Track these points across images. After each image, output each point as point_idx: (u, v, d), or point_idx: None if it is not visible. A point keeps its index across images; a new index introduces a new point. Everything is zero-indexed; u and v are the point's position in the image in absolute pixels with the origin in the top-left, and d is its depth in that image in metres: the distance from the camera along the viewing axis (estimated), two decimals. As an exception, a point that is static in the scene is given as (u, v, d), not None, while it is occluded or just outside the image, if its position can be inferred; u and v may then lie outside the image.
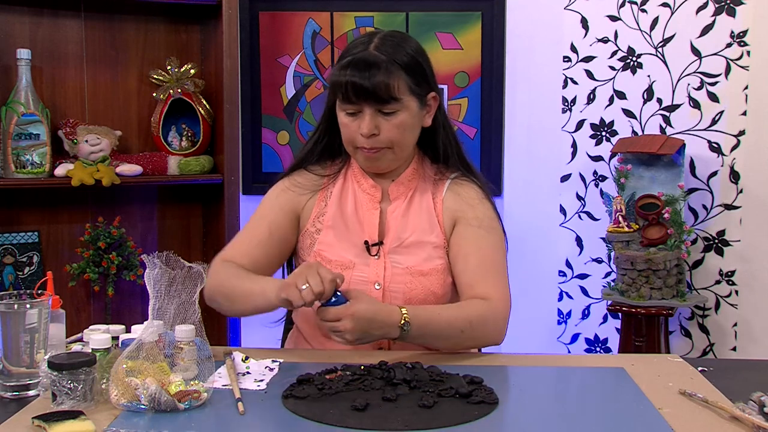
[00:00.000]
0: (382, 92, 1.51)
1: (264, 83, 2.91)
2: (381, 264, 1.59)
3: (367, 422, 1.13)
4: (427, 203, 1.64)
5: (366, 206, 1.64)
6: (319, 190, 1.68)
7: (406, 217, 1.63)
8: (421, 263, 1.59)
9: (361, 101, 1.52)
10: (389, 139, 1.55)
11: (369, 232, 1.62)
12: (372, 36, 1.57)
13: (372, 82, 1.50)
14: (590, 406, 1.24)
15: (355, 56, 1.53)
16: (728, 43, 2.66)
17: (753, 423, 1.11)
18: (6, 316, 1.25)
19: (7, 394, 1.25)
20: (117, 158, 2.56)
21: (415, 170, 1.66)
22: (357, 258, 1.60)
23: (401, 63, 1.53)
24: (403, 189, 1.65)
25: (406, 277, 1.58)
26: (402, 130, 1.56)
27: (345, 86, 1.52)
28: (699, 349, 2.78)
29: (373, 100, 1.51)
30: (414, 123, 1.58)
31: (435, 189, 1.66)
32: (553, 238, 2.90)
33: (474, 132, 2.92)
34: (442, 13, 2.87)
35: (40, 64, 2.52)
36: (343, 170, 1.69)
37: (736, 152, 2.68)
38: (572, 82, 2.83)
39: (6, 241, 2.50)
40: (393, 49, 1.54)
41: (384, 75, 1.51)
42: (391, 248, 1.61)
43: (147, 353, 1.21)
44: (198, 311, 1.34)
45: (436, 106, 1.63)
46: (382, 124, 1.54)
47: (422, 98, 1.59)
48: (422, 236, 1.61)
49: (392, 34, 1.60)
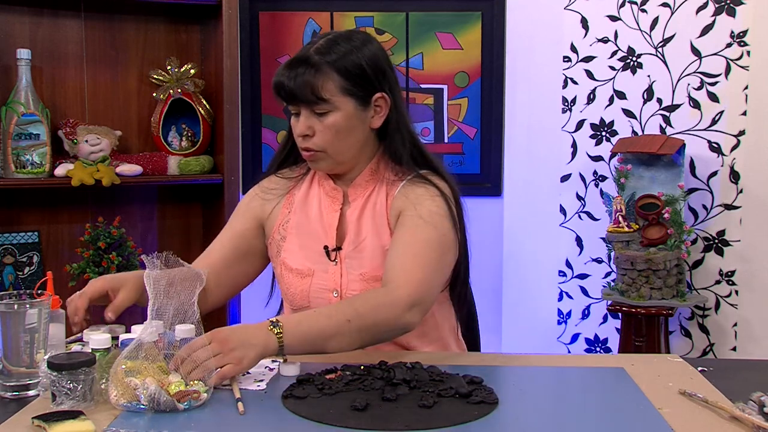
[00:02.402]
0: (306, 92, 1.48)
1: (264, 83, 2.91)
2: (338, 270, 1.56)
3: (367, 422, 1.13)
4: (380, 205, 1.58)
5: (327, 209, 1.60)
6: (285, 194, 1.65)
7: (361, 221, 1.58)
8: (376, 268, 1.53)
9: (291, 102, 1.52)
10: (323, 141, 1.52)
11: (329, 236, 1.58)
12: (322, 36, 1.55)
13: (296, 83, 1.48)
14: (590, 406, 1.24)
15: (293, 57, 1.53)
16: (728, 43, 2.66)
17: (753, 423, 1.11)
18: (6, 316, 1.25)
19: (7, 394, 1.25)
20: (117, 158, 2.56)
21: (373, 171, 1.60)
22: (317, 265, 1.57)
23: (332, 63, 1.49)
24: (360, 191, 1.60)
25: (361, 283, 1.54)
26: (334, 132, 1.51)
27: (276, 86, 1.52)
28: (699, 349, 2.78)
29: (299, 100, 1.50)
30: (350, 125, 1.52)
31: (390, 190, 1.59)
32: (553, 238, 2.90)
33: (474, 132, 2.92)
34: (442, 13, 2.87)
35: (40, 64, 2.52)
36: (309, 174, 1.66)
37: (736, 152, 2.68)
38: (572, 82, 2.83)
39: (6, 241, 2.50)
40: (331, 48, 1.51)
41: (310, 75, 1.48)
42: (347, 253, 1.56)
43: (146, 353, 1.21)
44: (198, 311, 1.35)
45: (387, 107, 1.56)
46: (315, 125, 1.52)
47: (363, 100, 1.53)
48: (374, 240, 1.56)
49: (343, 34, 1.56)
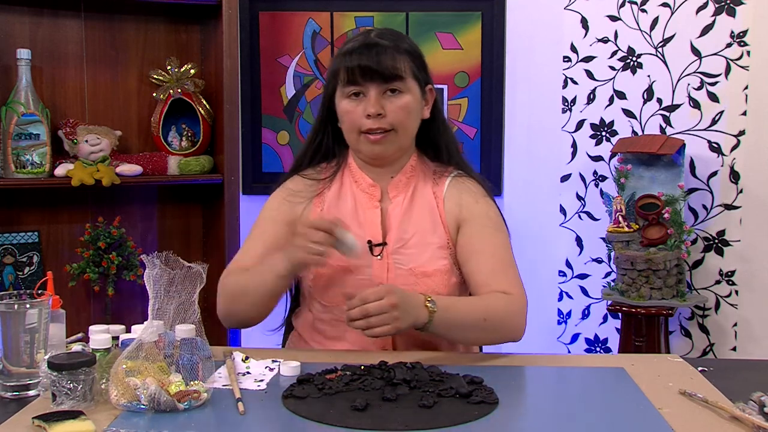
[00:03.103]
0: (388, 69, 1.53)
1: (264, 83, 2.91)
2: (384, 265, 1.57)
3: (367, 422, 1.13)
4: (429, 202, 1.62)
5: (366, 205, 1.62)
6: (314, 196, 1.66)
7: (408, 217, 1.61)
8: (424, 264, 1.57)
9: (366, 81, 1.54)
10: (394, 120, 1.55)
11: (371, 232, 1.60)
12: (369, 31, 1.61)
13: (378, 60, 1.53)
14: (590, 406, 1.24)
15: (357, 42, 1.57)
16: (728, 43, 2.66)
17: (753, 423, 1.11)
18: (6, 316, 1.25)
19: (7, 394, 1.25)
20: (117, 158, 2.56)
21: (413, 166, 1.64)
22: (359, 260, 1.58)
23: (404, 48, 1.58)
24: (402, 186, 1.63)
25: (409, 278, 1.56)
26: (407, 112, 1.57)
27: (351, 70, 1.54)
28: (699, 349, 2.78)
29: (380, 78, 1.53)
30: (417, 108, 1.60)
31: (435, 187, 1.64)
32: (553, 238, 2.90)
33: (474, 132, 2.92)
34: (442, 13, 2.87)
35: (40, 64, 2.52)
36: (339, 173, 1.67)
37: (736, 152, 2.68)
38: (572, 82, 2.83)
39: (6, 241, 2.50)
40: (394, 37, 1.59)
41: (390, 54, 1.54)
42: (394, 249, 1.58)
43: (147, 353, 1.21)
44: (198, 311, 1.34)
45: (433, 99, 1.64)
46: (386, 105, 1.55)
47: (422, 88, 1.61)
48: (425, 236, 1.59)
49: (389, 29, 1.65)
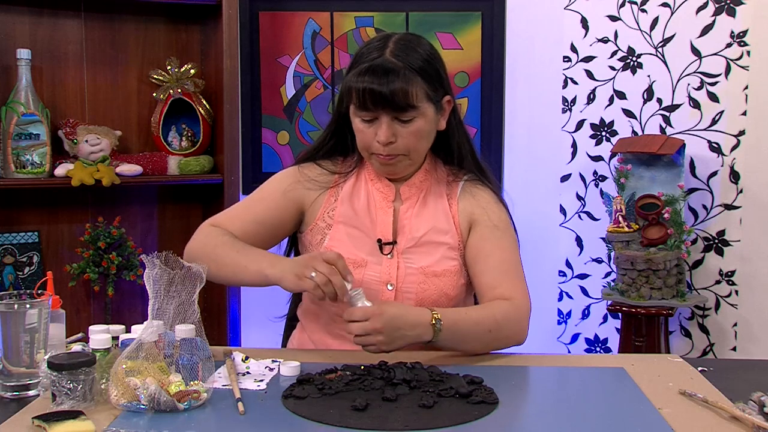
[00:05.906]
0: (400, 100, 1.48)
1: (264, 83, 2.91)
2: (394, 263, 1.58)
3: (367, 422, 1.13)
4: (442, 204, 1.63)
5: (379, 204, 1.62)
6: (329, 188, 1.65)
7: (420, 217, 1.62)
8: (434, 264, 1.58)
9: (378, 108, 1.50)
10: (406, 146, 1.54)
11: (382, 230, 1.60)
12: (386, 40, 1.54)
13: (390, 89, 1.47)
14: (590, 406, 1.24)
15: (372, 62, 1.50)
16: (728, 43, 2.66)
17: (753, 423, 1.11)
18: (6, 316, 1.25)
19: (7, 394, 1.25)
20: (117, 158, 2.56)
21: (427, 172, 1.65)
22: (369, 256, 1.58)
23: (418, 69, 1.51)
24: (415, 190, 1.63)
25: (419, 277, 1.57)
26: (419, 138, 1.54)
27: (362, 93, 1.49)
28: (699, 349, 2.78)
29: (391, 107, 1.49)
30: (430, 129, 1.57)
31: (449, 190, 1.65)
32: (553, 238, 2.90)
33: (474, 132, 2.92)
34: (442, 13, 2.87)
35: (40, 64, 2.52)
36: (357, 169, 1.66)
37: (736, 152, 2.68)
38: (572, 82, 2.83)
39: (6, 241, 2.50)
40: (409, 54, 1.51)
41: (402, 82, 1.48)
42: (405, 248, 1.59)
43: (147, 353, 1.21)
44: (198, 311, 1.34)
45: (450, 108, 1.61)
46: (398, 131, 1.52)
47: (438, 104, 1.56)
48: (436, 237, 1.60)
49: (406, 37, 1.56)
